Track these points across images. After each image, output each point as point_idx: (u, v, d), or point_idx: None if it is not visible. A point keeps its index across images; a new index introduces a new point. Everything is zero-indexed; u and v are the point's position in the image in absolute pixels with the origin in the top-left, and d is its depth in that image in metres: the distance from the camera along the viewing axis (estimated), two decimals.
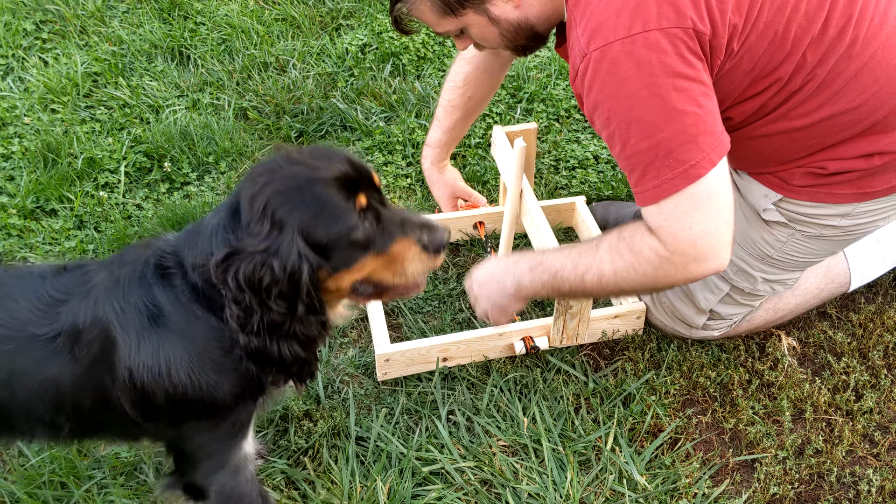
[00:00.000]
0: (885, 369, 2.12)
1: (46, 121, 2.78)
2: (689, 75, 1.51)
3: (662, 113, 1.52)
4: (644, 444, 1.94)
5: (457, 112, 2.29)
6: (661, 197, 1.58)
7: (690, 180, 1.55)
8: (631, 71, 1.51)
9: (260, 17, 3.30)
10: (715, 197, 1.57)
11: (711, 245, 1.59)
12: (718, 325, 2.10)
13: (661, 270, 1.65)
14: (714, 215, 1.58)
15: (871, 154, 1.72)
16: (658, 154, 1.55)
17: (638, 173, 1.59)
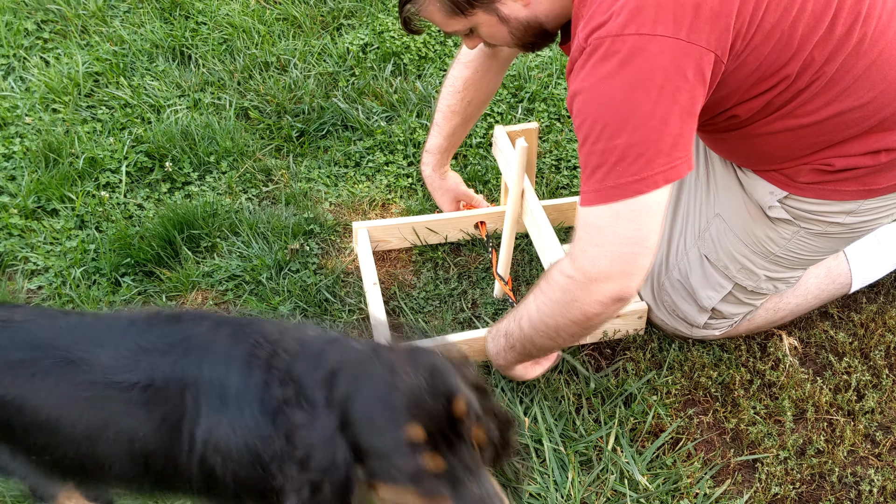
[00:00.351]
0: (887, 369, 2.12)
1: (48, 120, 2.78)
2: (667, 90, 1.49)
3: (628, 120, 1.50)
4: (645, 444, 1.94)
5: (456, 117, 2.28)
6: (594, 202, 1.56)
7: (626, 194, 1.52)
8: (613, 70, 1.50)
9: (261, 17, 3.29)
10: (639, 224, 1.54)
11: (612, 268, 1.56)
12: (720, 324, 2.10)
13: (567, 294, 1.63)
14: (628, 242, 1.55)
15: (877, 151, 1.72)
16: (609, 159, 1.52)
17: (587, 172, 1.58)
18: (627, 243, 1.55)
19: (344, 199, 2.59)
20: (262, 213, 2.50)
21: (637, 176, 1.51)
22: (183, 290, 2.28)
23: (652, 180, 1.51)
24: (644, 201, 1.53)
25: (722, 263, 2.00)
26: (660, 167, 1.51)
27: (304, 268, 2.33)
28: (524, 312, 1.76)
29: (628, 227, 1.54)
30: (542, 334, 1.73)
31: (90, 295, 2.21)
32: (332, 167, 2.71)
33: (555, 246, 2.02)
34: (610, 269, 1.56)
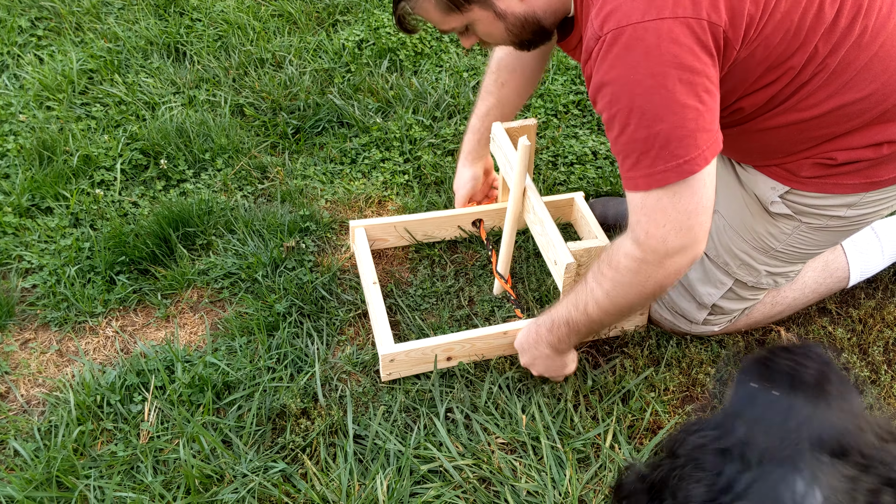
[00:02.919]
0: (885, 365, 2.11)
1: (42, 118, 2.77)
2: (697, 69, 1.50)
3: (665, 104, 1.51)
4: (643, 442, 1.93)
5: (490, 98, 2.26)
6: (650, 186, 1.58)
7: (682, 175, 1.55)
8: (640, 57, 1.50)
9: (256, 13, 3.28)
10: (698, 196, 1.58)
11: (682, 242, 1.61)
12: (719, 319, 2.10)
13: (640, 274, 1.67)
14: (692, 214, 1.59)
15: (879, 143, 1.72)
16: (654, 144, 1.54)
17: (632, 160, 1.59)
18: (691, 215, 1.59)
19: (340, 196, 2.58)
20: (258, 210, 2.49)
21: (687, 156, 1.54)
22: (178, 287, 2.26)
23: (702, 157, 1.55)
24: (701, 176, 1.57)
25: (722, 260, 1.99)
26: (706, 143, 1.54)
27: (300, 265, 2.32)
28: (587, 299, 1.77)
29: (689, 202, 1.58)
30: (612, 314, 1.78)
31: (85, 293, 2.20)
32: (328, 164, 2.70)
33: (559, 243, 2.00)
34: (681, 243, 1.61)
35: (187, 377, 1.99)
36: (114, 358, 2.10)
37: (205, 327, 2.18)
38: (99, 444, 1.88)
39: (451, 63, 3.13)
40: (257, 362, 2.05)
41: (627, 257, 1.67)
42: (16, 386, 2.03)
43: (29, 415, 1.96)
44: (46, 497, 1.76)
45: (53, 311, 2.18)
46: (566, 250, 1.97)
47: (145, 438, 1.89)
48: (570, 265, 1.96)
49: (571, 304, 1.82)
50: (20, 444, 1.86)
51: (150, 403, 1.94)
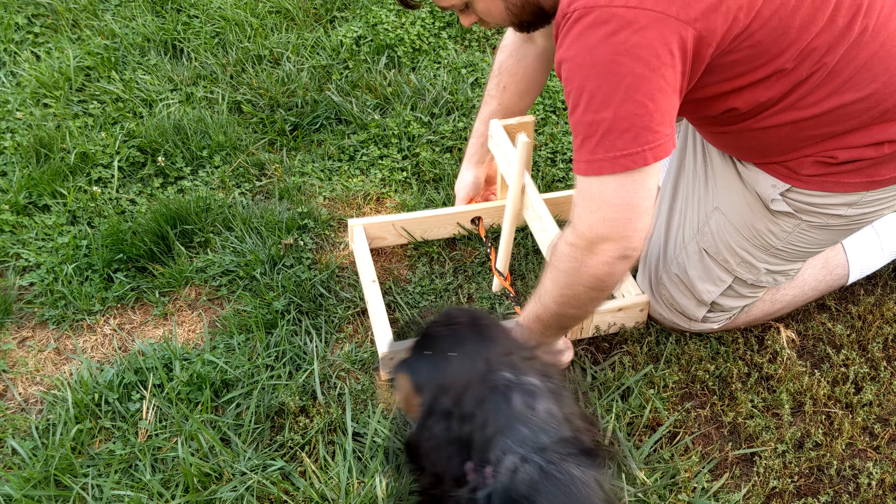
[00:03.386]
0: (885, 361, 2.11)
1: (39, 115, 2.76)
2: (653, 64, 1.48)
3: (613, 93, 1.49)
4: (643, 438, 1.93)
5: (493, 102, 2.27)
6: (588, 172, 1.58)
7: (617, 168, 1.54)
8: (599, 40, 1.48)
9: (253, 10, 3.27)
10: (631, 195, 1.56)
11: (609, 232, 1.59)
12: (718, 317, 2.09)
13: (573, 261, 1.65)
14: (622, 208, 1.58)
15: (880, 142, 1.71)
16: (597, 131, 1.53)
17: (577, 141, 1.59)
18: (620, 209, 1.57)
19: (338, 193, 2.57)
20: (256, 207, 2.48)
21: (625, 151, 1.52)
22: (176, 285, 2.26)
23: (641, 156, 1.52)
24: (633, 175, 1.54)
25: (722, 257, 1.99)
26: (647, 143, 1.52)
27: (299, 263, 2.31)
28: (543, 290, 1.77)
29: (619, 196, 1.56)
30: (564, 304, 1.75)
31: (82, 291, 2.20)
32: (326, 161, 2.70)
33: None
34: (606, 232, 1.59)
35: (185, 375, 1.98)
36: (112, 356, 2.09)
37: (203, 325, 2.17)
38: (97, 442, 1.88)
39: (449, 59, 3.12)
40: (256, 360, 2.04)
41: (564, 243, 1.67)
42: (13, 384, 2.02)
43: (27, 413, 1.96)
44: (44, 496, 1.76)
45: (51, 309, 2.18)
46: None
47: (143, 437, 1.88)
48: None
49: (536, 298, 1.81)
50: (18, 443, 1.85)
51: (149, 401, 1.94)
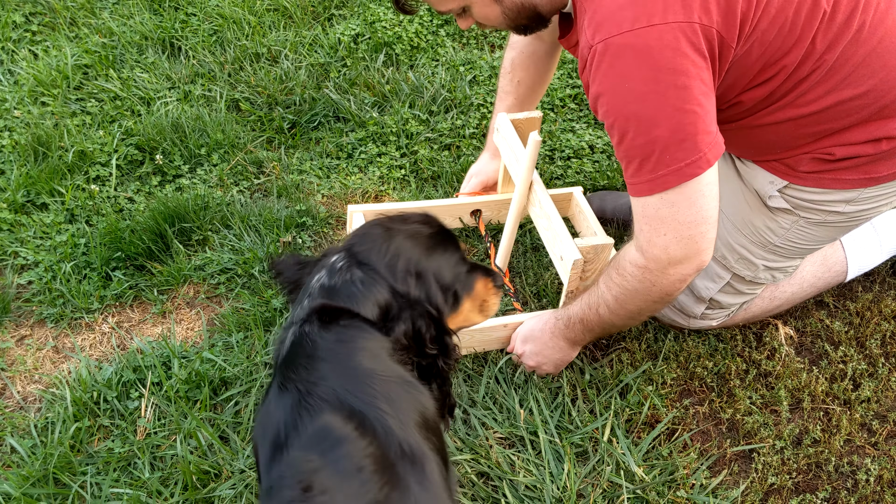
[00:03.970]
0: (883, 358, 2.11)
1: (37, 114, 2.76)
2: (691, 73, 1.50)
3: (661, 110, 1.52)
4: (641, 435, 1.93)
5: (509, 98, 2.30)
6: (652, 191, 1.60)
7: (684, 178, 1.56)
8: (632, 65, 1.50)
9: (251, 8, 3.27)
10: (697, 206, 1.59)
11: (684, 251, 1.64)
12: (717, 314, 2.09)
13: (645, 282, 1.70)
14: (691, 224, 1.61)
15: (878, 139, 1.71)
16: (654, 150, 1.55)
17: (634, 166, 1.60)
18: (692, 225, 1.61)
19: (336, 190, 2.57)
20: (254, 205, 2.48)
21: (688, 159, 1.54)
22: (174, 283, 2.26)
23: (704, 159, 1.55)
24: (696, 184, 1.57)
25: (720, 254, 1.99)
26: (706, 145, 1.55)
27: None
28: (599, 301, 1.82)
29: (688, 212, 1.59)
30: (622, 317, 1.81)
31: (81, 289, 2.19)
32: (324, 159, 2.69)
33: (566, 239, 2.00)
34: (683, 252, 1.63)
35: (184, 373, 1.98)
36: (110, 354, 2.09)
37: (201, 323, 2.17)
38: (96, 440, 1.88)
39: (447, 57, 3.12)
40: (254, 358, 2.04)
41: (632, 265, 1.70)
42: (12, 383, 2.02)
43: (25, 411, 1.96)
44: (43, 494, 1.76)
45: (49, 308, 2.18)
46: (574, 246, 1.97)
47: (142, 435, 1.88)
48: (577, 261, 1.95)
49: (586, 305, 1.86)
50: (17, 441, 1.85)
51: (147, 400, 1.94)
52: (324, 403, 1.17)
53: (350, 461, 1.12)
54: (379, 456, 1.13)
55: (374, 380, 1.21)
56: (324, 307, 1.27)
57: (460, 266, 1.42)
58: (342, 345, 1.24)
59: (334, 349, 1.24)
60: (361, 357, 1.23)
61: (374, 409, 1.17)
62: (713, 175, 1.59)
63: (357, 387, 1.20)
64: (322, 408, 1.17)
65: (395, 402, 1.19)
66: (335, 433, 1.14)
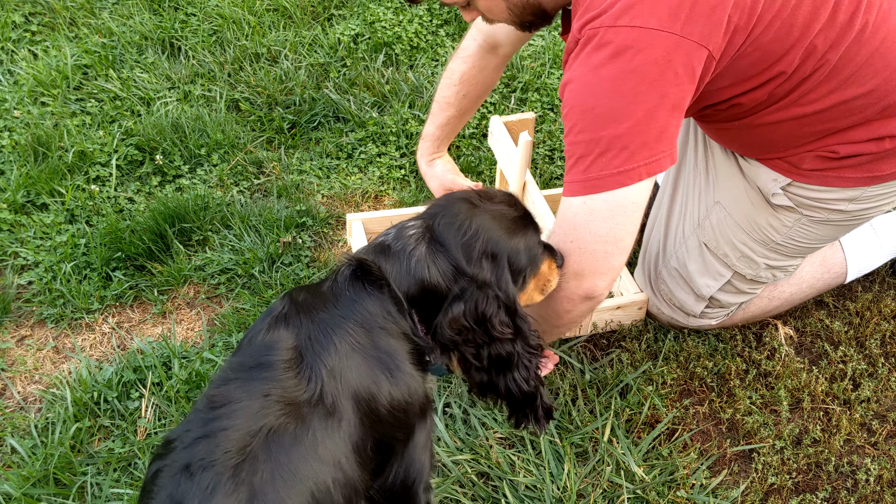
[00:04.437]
0: (882, 358, 2.11)
1: (36, 114, 2.76)
2: (657, 84, 1.47)
3: (614, 112, 1.48)
4: (641, 435, 1.93)
5: (451, 109, 2.28)
6: (581, 192, 1.55)
7: (607, 187, 1.51)
8: (604, 60, 1.48)
9: (251, 8, 3.27)
10: (622, 217, 1.54)
11: (583, 264, 1.57)
12: (716, 313, 2.09)
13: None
14: (603, 238, 1.55)
15: (881, 137, 1.71)
16: (593, 150, 1.51)
17: (570, 162, 1.56)
18: (601, 241, 1.55)
19: (336, 191, 2.57)
20: (254, 205, 2.48)
21: (620, 168, 1.50)
22: (175, 283, 2.26)
23: (635, 173, 1.50)
24: (622, 197, 1.52)
25: (721, 251, 1.99)
26: (643, 160, 1.50)
27: (297, 261, 2.31)
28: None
29: (603, 225, 1.54)
30: (544, 319, 1.74)
31: (81, 290, 2.19)
32: (324, 159, 2.70)
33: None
34: (580, 266, 1.57)
35: (184, 373, 1.98)
36: (110, 354, 2.09)
37: (201, 323, 2.17)
38: (96, 440, 1.88)
39: (447, 57, 3.12)
40: None
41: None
42: (12, 383, 2.02)
43: (26, 412, 1.96)
44: (44, 494, 1.76)
45: (49, 308, 2.18)
46: None
47: (142, 435, 1.88)
48: None
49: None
50: (17, 441, 1.85)
51: (148, 400, 1.94)
52: (285, 331, 1.26)
53: (263, 385, 1.19)
54: (292, 393, 1.19)
55: (340, 341, 1.25)
56: (362, 264, 1.33)
57: (535, 249, 1.43)
58: (349, 302, 1.29)
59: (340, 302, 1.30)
60: (353, 319, 1.28)
61: (316, 359, 1.23)
62: (642, 196, 1.54)
63: (322, 336, 1.25)
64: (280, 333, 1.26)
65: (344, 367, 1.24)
66: (268, 357, 1.23)
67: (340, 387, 1.22)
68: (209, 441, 1.14)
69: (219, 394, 1.20)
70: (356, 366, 1.24)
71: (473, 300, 1.31)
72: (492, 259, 1.35)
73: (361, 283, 1.31)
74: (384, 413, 1.26)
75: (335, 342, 1.25)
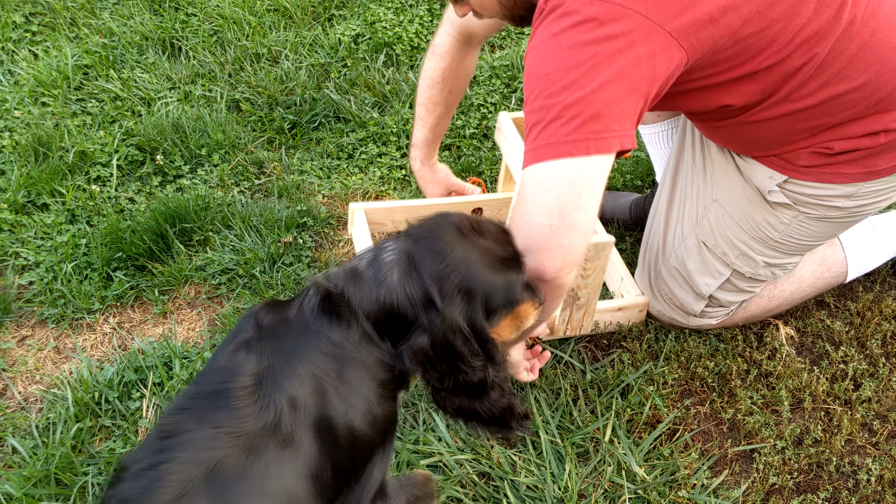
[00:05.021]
0: (884, 358, 2.11)
1: (37, 114, 2.76)
2: (614, 58, 1.42)
3: (569, 77, 1.42)
4: (642, 436, 1.93)
5: (439, 108, 2.27)
6: (535, 159, 1.46)
7: (559, 154, 1.42)
8: (566, 28, 1.44)
9: (251, 8, 3.27)
10: (569, 190, 1.43)
11: (532, 240, 1.45)
12: (716, 312, 2.10)
13: None
14: (548, 211, 1.44)
15: (876, 132, 1.71)
16: (545, 117, 1.44)
17: (526, 132, 1.50)
18: (545, 213, 1.44)
19: (337, 191, 2.57)
20: (255, 206, 2.48)
21: (567, 137, 1.42)
22: (175, 284, 2.26)
23: (583, 144, 1.42)
24: (568, 168, 1.42)
25: (720, 250, 1.99)
26: (592, 133, 1.42)
27: (298, 261, 2.31)
28: None
29: (547, 196, 1.44)
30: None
31: (82, 290, 2.19)
32: (325, 159, 2.69)
33: None
34: (526, 242, 1.43)
35: (185, 373, 1.98)
36: (111, 354, 2.09)
37: (202, 323, 2.17)
38: (97, 441, 1.88)
39: None
40: None
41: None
42: (13, 383, 2.02)
43: (27, 412, 1.96)
44: (45, 494, 1.76)
45: (50, 308, 2.18)
46: None
47: (143, 435, 1.88)
48: None
49: None
50: (18, 442, 1.85)
51: (149, 400, 1.94)
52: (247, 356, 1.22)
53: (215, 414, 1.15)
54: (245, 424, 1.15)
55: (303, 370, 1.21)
56: (329, 295, 1.28)
57: (514, 289, 1.34)
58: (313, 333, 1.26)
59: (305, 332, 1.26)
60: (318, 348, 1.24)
61: (276, 387, 1.19)
62: (592, 173, 1.43)
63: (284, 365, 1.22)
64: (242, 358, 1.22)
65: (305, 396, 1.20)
66: (226, 384, 1.18)
67: (300, 416, 1.18)
68: (151, 474, 1.10)
69: (170, 423, 1.16)
70: (317, 394, 1.21)
71: (440, 334, 1.27)
72: (466, 295, 1.28)
73: (327, 314, 1.27)
74: (345, 443, 1.23)
75: (298, 370, 1.21)
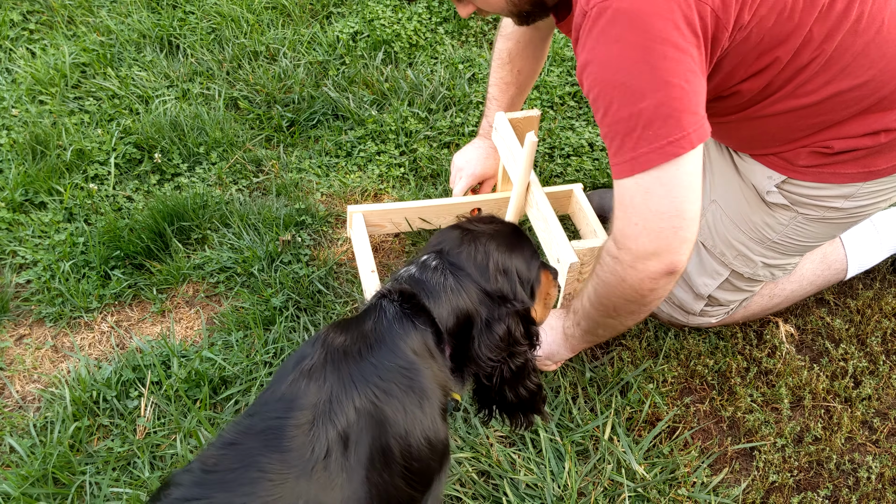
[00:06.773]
0: (884, 355, 2.11)
1: (34, 112, 2.75)
2: (682, 46, 1.44)
3: (649, 80, 1.44)
4: (642, 434, 1.93)
5: (511, 88, 2.29)
6: (632, 172, 1.50)
7: (664, 158, 1.46)
8: (625, 31, 1.44)
9: (250, 6, 3.26)
10: (679, 190, 1.49)
11: (654, 245, 1.52)
12: (716, 311, 2.09)
13: (616, 275, 1.60)
14: (664, 215, 1.49)
15: (876, 131, 1.70)
16: (637, 124, 1.46)
17: (616, 144, 1.51)
18: (664, 217, 1.49)
19: (335, 189, 2.56)
20: (253, 204, 2.48)
21: (670, 137, 1.45)
22: (174, 282, 2.25)
23: (687, 140, 1.45)
24: (675, 169, 1.47)
25: (718, 250, 1.99)
26: (690, 125, 1.45)
27: (296, 259, 2.31)
28: (585, 290, 1.74)
29: (662, 201, 1.49)
30: (601, 312, 1.71)
31: (79, 289, 2.19)
32: (323, 157, 2.69)
33: (563, 241, 1.99)
34: (652, 246, 1.51)
35: (183, 372, 1.97)
36: (109, 353, 2.09)
37: (201, 322, 2.17)
38: (95, 440, 1.87)
39: (446, 55, 3.12)
40: (254, 357, 2.04)
41: (608, 254, 1.63)
42: (11, 382, 2.01)
43: (24, 411, 1.95)
44: (42, 493, 1.75)
45: (48, 307, 2.17)
46: (570, 249, 1.96)
47: (142, 434, 1.88)
48: (573, 264, 1.95)
49: (579, 299, 1.79)
50: (16, 441, 1.85)
51: (147, 399, 1.93)
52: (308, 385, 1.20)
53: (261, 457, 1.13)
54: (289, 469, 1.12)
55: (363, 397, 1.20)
56: (408, 295, 1.34)
57: (534, 262, 1.48)
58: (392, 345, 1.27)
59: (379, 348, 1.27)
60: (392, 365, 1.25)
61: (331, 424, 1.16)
62: (695, 164, 1.49)
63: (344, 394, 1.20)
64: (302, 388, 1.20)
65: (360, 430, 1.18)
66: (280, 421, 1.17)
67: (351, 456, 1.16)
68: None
69: (215, 457, 1.13)
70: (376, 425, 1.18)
71: (504, 320, 1.35)
72: (504, 274, 1.40)
73: (408, 319, 1.30)
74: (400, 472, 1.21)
75: (357, 401, 1.18)
